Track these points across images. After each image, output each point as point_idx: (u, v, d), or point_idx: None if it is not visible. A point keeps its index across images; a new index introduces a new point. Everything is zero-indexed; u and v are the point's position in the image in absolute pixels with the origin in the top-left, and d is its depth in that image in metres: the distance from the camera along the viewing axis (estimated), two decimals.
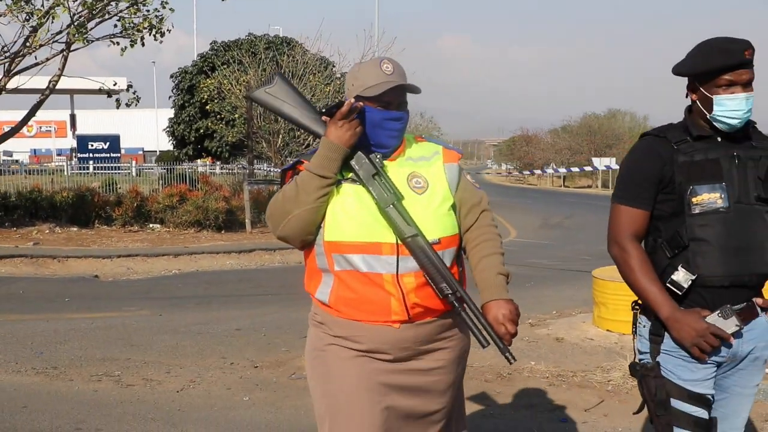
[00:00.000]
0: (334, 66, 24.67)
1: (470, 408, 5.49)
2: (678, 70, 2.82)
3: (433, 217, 2.59)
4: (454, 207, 2.67)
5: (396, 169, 2.63)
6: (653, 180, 2.78)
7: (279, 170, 2.81)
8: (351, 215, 2.54)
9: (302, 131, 20.48)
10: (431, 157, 2.71)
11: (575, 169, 28.62)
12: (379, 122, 2.59)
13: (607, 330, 7.63)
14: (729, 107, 2.69)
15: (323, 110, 2.59)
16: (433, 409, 2.71)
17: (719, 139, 2.76)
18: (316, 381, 2.72)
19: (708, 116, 2.73)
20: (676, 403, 2.77)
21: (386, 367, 2.61)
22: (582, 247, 17.71)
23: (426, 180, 2.64)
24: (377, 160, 2.58)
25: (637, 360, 2.89)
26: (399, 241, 2.51)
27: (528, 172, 54.42)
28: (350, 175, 2.58)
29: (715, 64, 2.68)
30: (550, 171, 49.37)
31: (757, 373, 2.86)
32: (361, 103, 2.54)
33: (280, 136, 21.09)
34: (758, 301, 2.78)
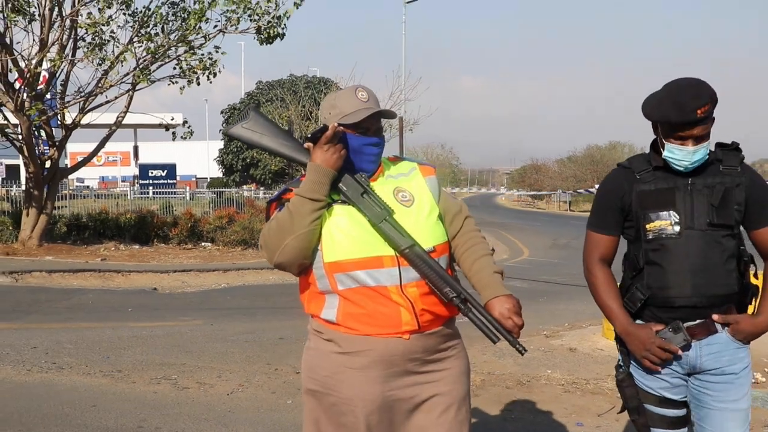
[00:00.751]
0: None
1: (492, 413, 5.40)
2: (642, 109, 2.74)
3: (425, 228, 2.44)
4: (440, 216, 2.54)
5: (381, 187, 2.47)
6: (615, 208, 2.79)
7: None
8: (347, 234, 2.38)
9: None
10: (410, 173, 2.57)
11: (581, 191, 28.25)
12: (358, 148, 2.44)
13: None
14: (678, 156, 2.63)
15: (307, 137, 2.37)
16: (447, 420, 2.47)
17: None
18: (312, 396, 2.52)
19: (662, 155, 2.68)
20: (650, 407, 2.77)
21: (397, 381, 2.43)
22: None
23: (411, 194, 2.50)
24: (363, 179, 2.43)
25: (618, 363, 2.87)
26: (397, 253, 2.37)
27: (535, 192, 54.17)
28: (339, 197, 2.42)
29: (667, 118, 2.59)
30: (558, 193, 49.03)
31: (733, 389, 2.72)
32: (342, 128, 2.38)
33: None
34: (715, 317, 2.70)
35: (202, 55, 15.55)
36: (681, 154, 2.62)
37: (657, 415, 2.77)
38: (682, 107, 2.55)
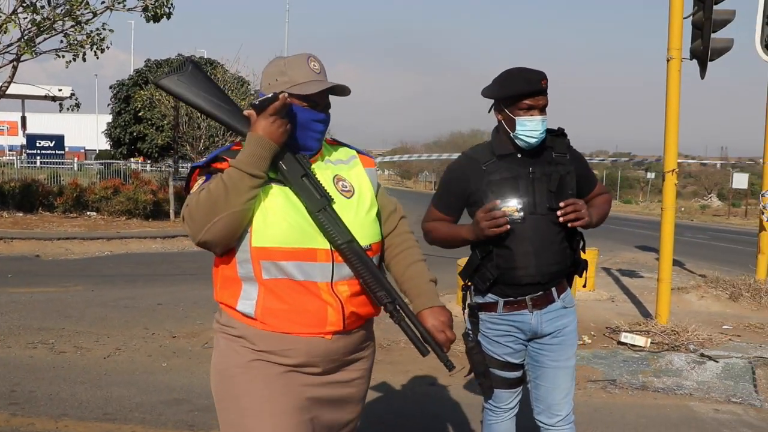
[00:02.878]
0: (249, 84, 24.12)
1: None
2: (486, 93, 2.81)
3: (365, 223, 2.09)
4: (378, 213, 2.19)
5: (320, 172, 2.07)
6: (456, 195, 2.85)
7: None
8: (283, 218, 1.97)
9: (226, 132, 20.16)
10: (349, 161, 2.20)
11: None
12: (305, 123, 2.05)
13: None
14: (528, 127, 2.69)
15: (253, 104, 1.95)
16: (351, 418, 2.21)
17: (519, 155, 2.77)
18: (231, 402, 2.05)
19: (511, 134, 2.73)
20: (494, 371, 2.85)
21: (313, 381, 2.06)
22: None
23: (351, 184, 2.13)
24: (305, 160, 2.05)
25: (466, 330, 2.90)
26: (332, 248, 2.00)
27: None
28: (275, 175, 2.01)
29: (518, 90, 2.68)
30: (425, 174, 49.83)
31: (564, 349, 2.87)
32: (290, 99, 1.99)
33: (202, 140, 20.47)
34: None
35: (90, 31, 14.69)
36: (532, 125, 2.68)
37: (500, 377, 2.86)
38: (529, 79, 2.67)
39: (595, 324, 7.20)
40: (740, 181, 33.60)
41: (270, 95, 1.95)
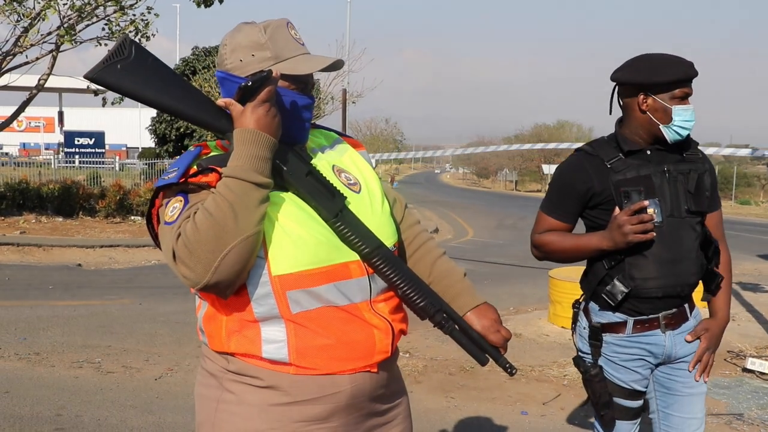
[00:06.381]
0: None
1: (434, 400, 5.37)
2: (626, 78, 2.69)
3: (383, 221, 1.89)
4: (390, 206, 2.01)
5: (319, 165, 1.84)
6: (577, 198, 2.75)
7: None
8: (306, 233, 1.73)
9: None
10: (335, 147, 1.98)
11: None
12: (294, 111, 1.81)
13: (562, 327, 7.54)
14: (684, 117, 2.63)
15: (246, 85, 1.66)
16: None
17: (649, 152, 2.70)
18: None
19: (660, 126, 2.64)
20: (618, 401, 2.78)
21: (360, 427, 1.87)
22: None
23: (354, 176, 1.93)
24: (305, 153, 1.83)
25: (579, 355, 2.85)
26: (361, 258, 1.81)
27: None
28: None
29: (677, 75, 2.60)
30: (504, 172, 49.51)
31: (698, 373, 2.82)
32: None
33: None
34: (688, 337, 2.76)
35: (134, 15, 15.12)
36: (688, 114, 2.63)
37: (623, 408, 2.80)
38: (683, 64, 2.61)
39: None
40: None
41: (258, 73, 1.69)
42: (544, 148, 29.80)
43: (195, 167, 1.73)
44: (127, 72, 1.68)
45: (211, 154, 1.81)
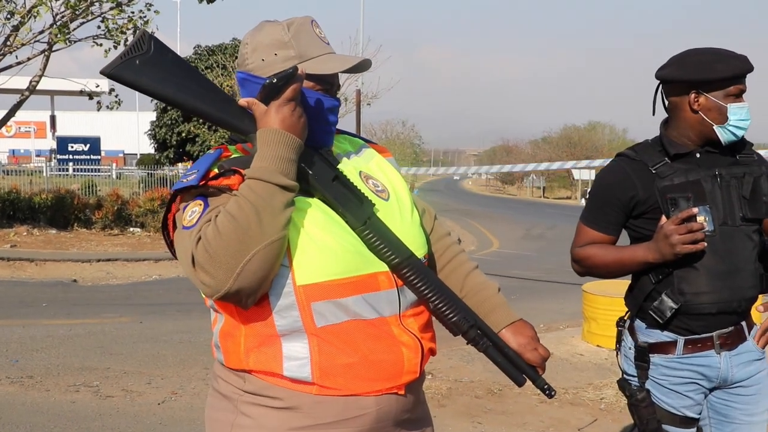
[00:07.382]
0: None
1: (461, 424, 5.35)
2: (675, 76, 2.66)
3: (413, 231, 1.89)
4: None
5: (345, 171, 1.85)
6: (620, 207, 2.72)
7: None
8: (333, 240, 1.74)
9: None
10: (361, 152, 1.99)
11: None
12: (320, 112, 1.82)
13: (597, 345, 7.49)
14: (740, 116, 2.60)
15: (271, 82, 1.69)
16: None
17: (698, 155, 2.66)
18: None
19: (714, 126, 2.61)
20: (668, 428, 2.73)
21: None
22: (565, 259, 17.29)
23: (382, 183, 1.94)
24: (332, 157, 1.84)
25: (625, 378, 2.82)
26: (390, 269, 1.81)
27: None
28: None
29: (733, 71, 2.58)
30: (531, 178, 49.37)
31: (761, 400, 2.75)
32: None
33: None
34: (759, 308, 2.70)
35: (132, 13, 15.25)
36: (744, 113, 2.61)
37: None
38: (737, 59, 2.59)
39: None
40: None
41: (284, 71, 1.69)
42: (574, 167, 29.67)
43: (215, 170, 1.74)
44: (146, 68, 1.70)
45: (232, 156, 1.82)
